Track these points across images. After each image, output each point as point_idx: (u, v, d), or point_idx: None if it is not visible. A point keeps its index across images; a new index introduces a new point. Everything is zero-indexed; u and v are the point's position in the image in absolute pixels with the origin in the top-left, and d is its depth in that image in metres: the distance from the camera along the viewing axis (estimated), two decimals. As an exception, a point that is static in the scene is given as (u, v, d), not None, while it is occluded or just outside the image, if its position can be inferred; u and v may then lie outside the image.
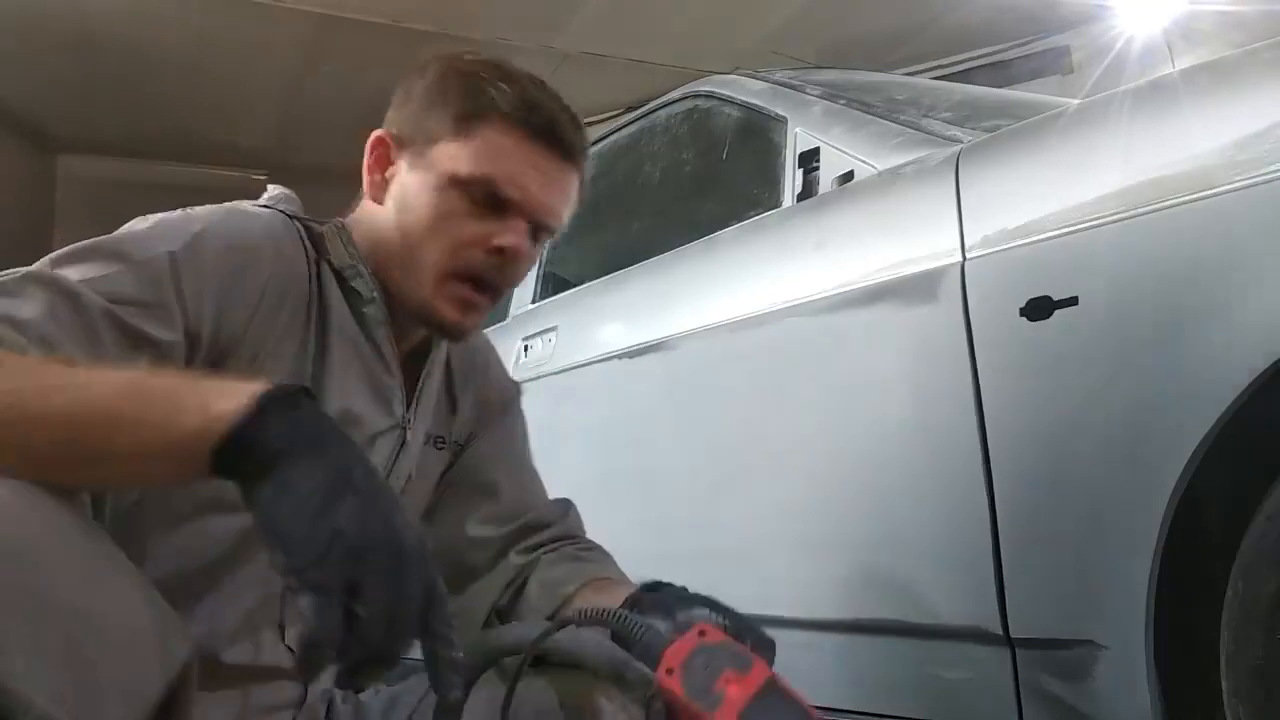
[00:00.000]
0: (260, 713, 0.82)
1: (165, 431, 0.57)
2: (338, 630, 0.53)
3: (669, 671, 0.61)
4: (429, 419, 0.95)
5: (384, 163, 0.89)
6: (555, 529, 0.97)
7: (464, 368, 1.01)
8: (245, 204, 0.86)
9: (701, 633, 0.63)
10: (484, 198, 0.84)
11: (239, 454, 0.57)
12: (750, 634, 0.70)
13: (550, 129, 0.85)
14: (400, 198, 0.87)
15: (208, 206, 0.82)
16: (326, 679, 0.90)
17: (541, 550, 0.95)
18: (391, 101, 0.91)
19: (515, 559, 0.93)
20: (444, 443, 0.98)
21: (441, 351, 0.96)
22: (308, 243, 0.86)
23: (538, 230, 0.88)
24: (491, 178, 0.84)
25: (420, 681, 0.95)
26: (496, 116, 0.84)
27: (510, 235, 0.84)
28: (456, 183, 0.84)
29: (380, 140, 0.89)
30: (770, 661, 0.64)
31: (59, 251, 0.72)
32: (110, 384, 0.60)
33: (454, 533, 0.96)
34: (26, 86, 5.18)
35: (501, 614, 0.92)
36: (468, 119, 0.84)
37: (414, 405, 0.92)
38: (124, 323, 0.69)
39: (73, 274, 0.70)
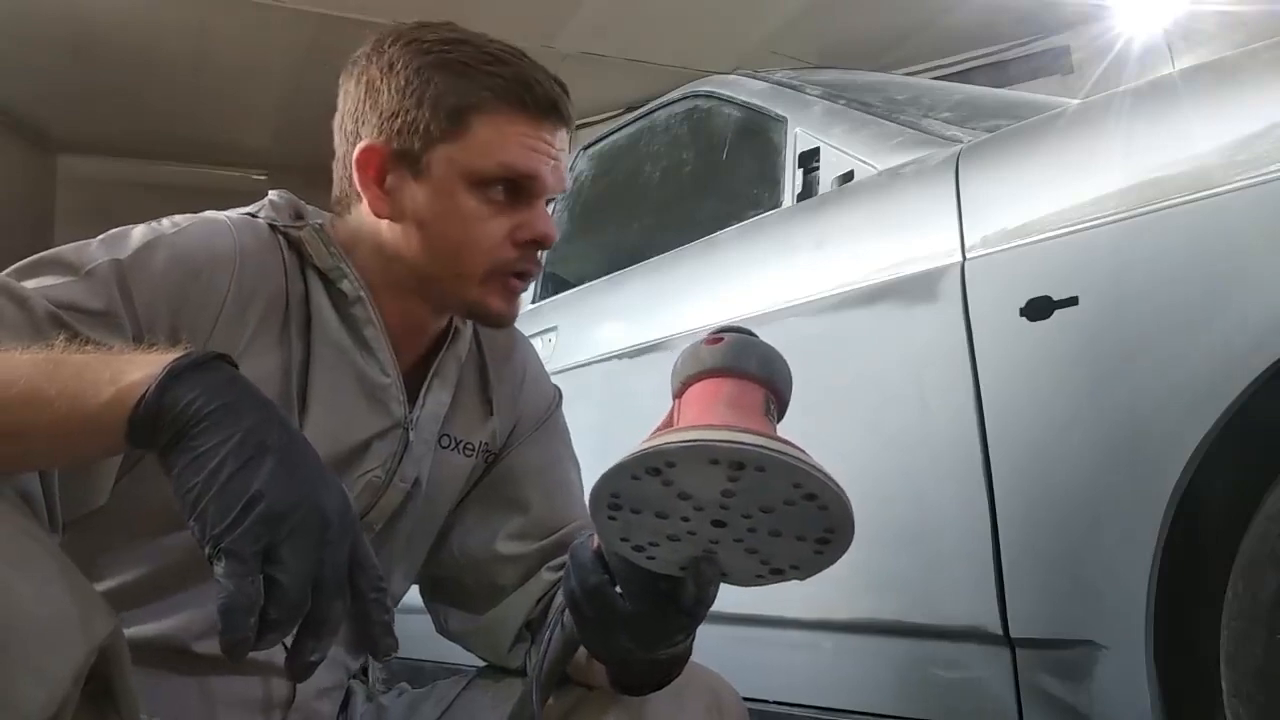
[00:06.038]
0: (236, 705, 0.81)
1: (80, 405, 0.57)
2: (255, 597, 0.52)
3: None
4: (442, 419, 0.91)
5: (381, 176, 0.83)
6: None
7: (500, 370, 0.98)
8: (216, 213, 0.84)
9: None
10: (502, 191, 0.82)
11: (152, 423, 0.56)
12: None
13: (551, 105, 0.83)
14: (415, 214, 0.82)
15: (176, 216, 0.81)
16: (327, 678, 0.90)
17: None
18: (346, 99, 0.85)
19: (547, 575, 0.90)
20: (473, 449, 0.94)
21: (460, 349, 0.93)
22: (286, 251, 0.84)
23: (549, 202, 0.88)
24: (506, 171, 0.81)
25: (447, 686, 0.94)
26: (493, 105, 0.81)
27: (540, 223, 0.84)
28: (471, 185, 0.81)
29: (372, 153, 0.83)
30: None
31: (14, 265, 0.72)
32: (24, 361, 0.59)
33: (484, 549, 0.93)
34: (27, 87, 5.18)
35: (532, 627, 0.90)
36: (463, 113, 0.80)
37: (419, 404, 0.89)
38: (71, 328, 0.68)
39: (26, 285, 0.70)
